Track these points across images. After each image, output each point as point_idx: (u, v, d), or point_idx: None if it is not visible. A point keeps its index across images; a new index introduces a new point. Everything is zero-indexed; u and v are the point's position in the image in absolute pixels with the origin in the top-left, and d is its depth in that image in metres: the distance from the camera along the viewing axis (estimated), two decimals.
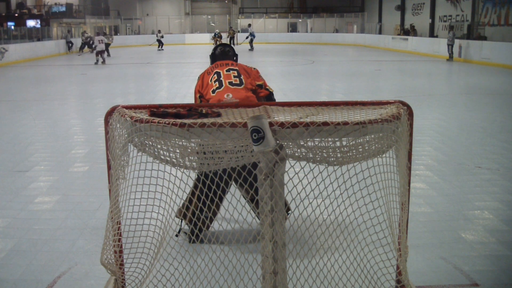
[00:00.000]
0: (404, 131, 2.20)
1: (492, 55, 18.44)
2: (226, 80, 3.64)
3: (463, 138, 7.13)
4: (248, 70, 3.83)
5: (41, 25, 33.62)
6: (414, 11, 31.55)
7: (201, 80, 3.77)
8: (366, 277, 2.42)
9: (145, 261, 2.40)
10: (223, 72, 3.70)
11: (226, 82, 3.63)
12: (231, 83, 3.63)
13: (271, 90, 3.81)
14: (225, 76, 3.66)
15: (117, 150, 2.23)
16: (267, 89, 3.78)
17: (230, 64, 3.80)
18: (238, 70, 3.74)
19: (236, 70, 3.74)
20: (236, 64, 3.85)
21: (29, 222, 4.07)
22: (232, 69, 3.74)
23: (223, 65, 3.79)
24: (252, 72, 3.83)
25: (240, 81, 3.66)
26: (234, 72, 3.71)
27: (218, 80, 3.65)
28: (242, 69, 3.79)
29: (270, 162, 1.99)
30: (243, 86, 3.63)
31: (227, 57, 3.98)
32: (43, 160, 6.02)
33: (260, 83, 3.78)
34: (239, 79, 3.67)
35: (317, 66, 19.24)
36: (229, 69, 3.74)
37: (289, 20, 42.49)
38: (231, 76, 3.67)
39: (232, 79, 3.65)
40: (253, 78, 3.77)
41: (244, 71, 3.77)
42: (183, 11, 44.49)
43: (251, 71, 3.83)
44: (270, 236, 2.09)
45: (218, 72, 3.72)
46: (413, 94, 11.33)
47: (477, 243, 3.64)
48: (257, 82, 3.77)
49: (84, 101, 11.25)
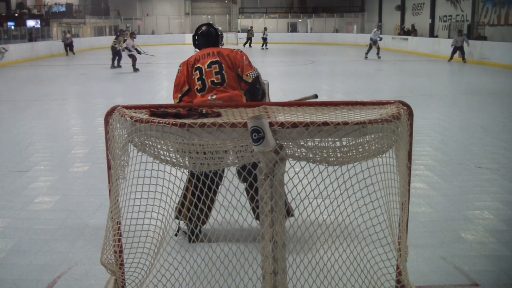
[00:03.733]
0: (404, 131, 2.20)
1: (492, 55, 18.44)
2: (208, 79, 3.52)
3: (463, 138, 7.13)
4: (232, 57, 3.60)
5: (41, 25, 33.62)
6: (414, 11, 31.55)
7: (182, 75, 3.59)
8: (366, 277, 2.42)
9: (145, 261, 2.40)
10: (205, 68, 3.54)
11: (208, 82, 3.52)
12: (213, 82, 3.52)
13: (249, 80, 3.56)
14: (207, 74, 3.52)
15: (117, 150, 2.23)
16: (245, 80, 3.56)
17: (211, 55, 3.58)
18: (220, 63, 3.55)
19: (218, 63, 3.54)
20: (217, 52, 3.60)
21: (29, 222, 4.06)
22: (214, 62, 3.54)
23: (205, 57, 3.58)
24: (237, 59, 3.60)
25: (222, 78, 3.52)
26: (215, 68, 3.53)
27: (200, 78, 3.54)
28: (225, 58, 3.58)
29: (270, 162, 1.99)
30: (226, 84, 3.52)
31: (209, 40, 3.77)
32: (43, 160, 6.02)
33: (241, 74, 3.58)
34: (221, 75, 3.52)
35: (317, 66, 19.24)
36: (210, 63, 3.55)
37: (289, 20, 42.49)
38: (212, 73, 3.52)
39: (213, 77, 3.52)
40: (238, 66, 3.58)
41: (228, 61, 3.57)
42: (183, 11, 44.50)
43: (235, 58, 3.60)
44: (270, 236, 2.09)
45: (200, 68, 3.56)
46: (413, 94, 11.33)
47: (477, 243, 3.64)
48: (240, 73, 3.58)
49: (84, 101, 11.25)
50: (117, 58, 18.31)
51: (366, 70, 17.43)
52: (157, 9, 44.12)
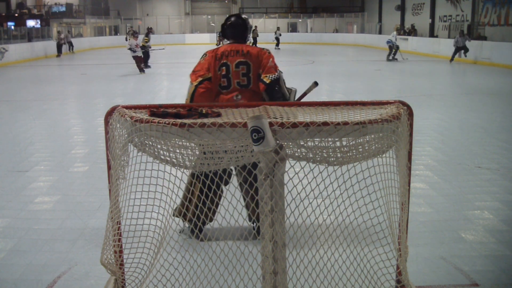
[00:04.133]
0: (404, 131, 2.20)
1: (492, 55, 18.45)
2: (235, 79, 3.52)
3: (463, 138, 7.13)
4: (260, 56, 3.57)
5: (41, 25, 33.62)
6: (414, 11, 31.55)
7: (207, 63, 3.54)
8: (366, 277, 2.42)
9: (145, 261, 2.40)
10: (232, 68, 3.52)
11: (234, 82, 3.53)
12: (239, 83, 3.53)
13: (267, 81, 3.51)
14: (233, 74, 3.51)
15: (117, 150, 2.23)
16: (263, 80, 3.52)
17: (240, 53, 3.54)
18: (249, 64, 3.53)
19: (246, 65, 3.52)
20: (247, 52, 3.55)
21: (29, 222, 4.07)
22: (242, 63, 3.52)
23: (233, 54, 3.54)
24: (264, 59, 3.57)
25: (248, 81, 3.53)
26: (243, 68, 3.52)
27: (226, 76, 3.52)
28: (253, 59, 3.54)
29: (270, 162, 1.99)
30: (250, 87, 3.54)
31: (238, 31, 3.70)
32: (43, 160, 6.02)
33: (261, 74, 3.55)
34: (247, 78, 3.53)
35: (317, 66, 19.24)
36: (238, 63, 3.52)
37: (289, 20, 42.50)
38: (239, 74, 3.52)
39: (240, 79, 3.52)
40: (261, 66, 3.54)
41: (256, 61, 3.54)
42: (183, 11, 44.52)
43: (262, 57, 3.57)
44: (270, 236, 2.09)
45: (227, 65, 3.53)
46: (413, 94, 11.33)
47: (477, 243, 3.64)
48: (261, 72, 3.55)
49: (84, 101, 11.25)
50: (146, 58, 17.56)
51: (366, 70, 17.43)
52: (157, 9, 44.13)
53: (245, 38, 3.75)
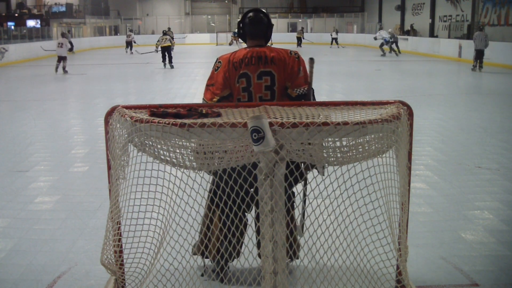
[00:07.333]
0: (404, 131, 2.21)
1: (492, 55, 18.42)
2: (257, 94, 2.86)
3: (463, 138, 7.13)
4: (289, 65, 2.91)
5: (41, 25, 33.62)
6: (414, 11, 31.55)
7: (222, 75, 2.90)
8: (366, 277, 2.42)
9: (145, 261, 2.40)
10: (254, 79, 2.85)
11: (256, 97, 2.86)
12: (261, 98, 2.86)
13: (293, 95, 2.91)
14: (255, 87, 2.85)
15: (117, 150, 2.23)
16: (289, 94, 2.92)
17: (263, 61, 2.86)
18: (273, 75, 2.87)
19: (270, 75, 2.86)
20: (271, 59, 2.87)
21: (29, 222, 4.06)
22: (266, 73, 2.86)
23: (255, 61, 2.86)
24: (294, 69, 2.92)
25: (271, 95, 2.87)
26: (266, 80, 2.85)
27: (247, 90, 2.86)
28: (279, 67, 2.88)
29: (270, 162, 1.99)
30: (275, 101, 2.86)
31: (259, 30, 2.99)
32: (43, 160, 6.02)
33: (289, 87, 2.92)
34: (271, 92, 2.87)
35: (317, 66, 19.13)
36: (261, 73, 2.86)
37: (289, 20, 42.47)
38: (262, 87, 2.86)
39: (262, 93, 2.86)
40: (290, 78, 2.90)
41: (282, 71, 2.88)
42: (183, 11, 44.51)
43: (292, 67, 2.92)
44: (270, 236, 2.09)
45: (248, 76, 2.86)
46: (413, 94, 11.32)
47: (477, 243, 3.64)
48: (289, 85, 2.92)
49: (84, 101, 11.24)
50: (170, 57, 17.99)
51: (366, 70, 17.43)
52: (157, 9, 44.12)
53: (268, 38, 3.06)
